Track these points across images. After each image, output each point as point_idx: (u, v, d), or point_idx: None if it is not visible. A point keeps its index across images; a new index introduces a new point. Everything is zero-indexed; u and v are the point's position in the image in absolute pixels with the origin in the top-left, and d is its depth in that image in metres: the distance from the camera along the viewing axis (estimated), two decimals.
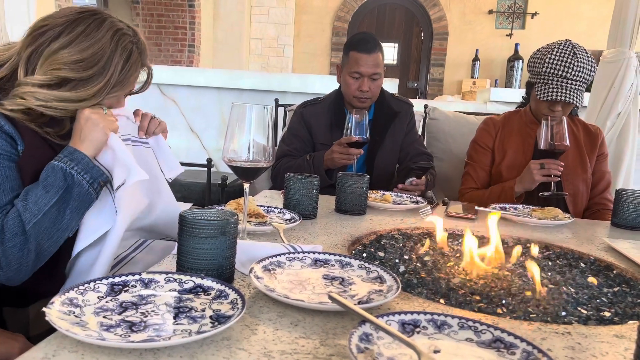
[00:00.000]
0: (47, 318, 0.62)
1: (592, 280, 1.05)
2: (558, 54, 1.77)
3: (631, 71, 2.68)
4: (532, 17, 6.95)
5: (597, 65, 2.87)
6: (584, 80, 1.77)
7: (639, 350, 0.57)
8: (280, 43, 6.97)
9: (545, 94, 1.77)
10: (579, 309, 0.91)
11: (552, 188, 1.71)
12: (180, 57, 6.43)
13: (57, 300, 0.67)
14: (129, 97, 1.25)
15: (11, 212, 0.98)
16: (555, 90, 1.76)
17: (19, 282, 0.99)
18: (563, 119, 1.67)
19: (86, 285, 0.72)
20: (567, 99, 1.74)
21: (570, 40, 1.80)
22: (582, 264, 1.18)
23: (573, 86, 1.75)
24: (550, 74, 1.77)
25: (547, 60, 1.78)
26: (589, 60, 1.77)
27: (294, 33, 7.12)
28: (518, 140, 1.95)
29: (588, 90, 2.93)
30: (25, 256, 0.96)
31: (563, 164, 1.73)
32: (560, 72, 1.75)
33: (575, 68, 1.74)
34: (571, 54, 1.75)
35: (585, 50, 1.78)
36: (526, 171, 1.76)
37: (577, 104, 1.76)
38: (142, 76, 1.23)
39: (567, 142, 1.68)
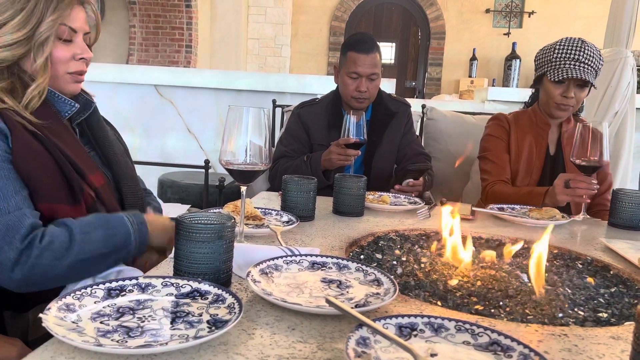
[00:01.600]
0: (43, 324, 0.62)
1: (590, 280, 1.06)
2: (567, 42, 1.81)
3: (628, 70, 2.69)
4: (529, 16, 6.96)
5: None
6: (594, 66, 1.78)
7: (634, 353, 0.57)
8: (278, 43, 6.97)
9: (559, 75, 1.77)
10: (575, 310, 0.91)
11: (582, 211, 1.59)
12: (177, 57, 6.43)
13: (54, 306, 0.67)
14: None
15: (64, 233, 0.99)
16: (568, 69, 1.77)
17: (12, 289, 0.99)
18: (604, 127, 1.54)
19: (83, 290, 0.72)
20: (582, 76, 1.74)
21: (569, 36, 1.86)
22: (579, 265, 1.18)
23: (585, 69, 1.77)
24: (562, 58, 1.79)
25: (557, 47, 1.81)
26: (596, 49, 1.80)
27: (292, 33, 7.12)
28: (531, 141, 1.92)
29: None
30: (42, 275, 0.97)
31: (595, 181, 1.57)
32: (571, 55, 1.77)
33: (586, 52, 1.77)
34: (579, 41, 1.80)
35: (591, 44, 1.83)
36: (552, 188, 1.65)
37: (593, 84, 1.77)
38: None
39: (607, 157, 1.52)
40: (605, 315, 0.90)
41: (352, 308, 0.71)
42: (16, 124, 1.02)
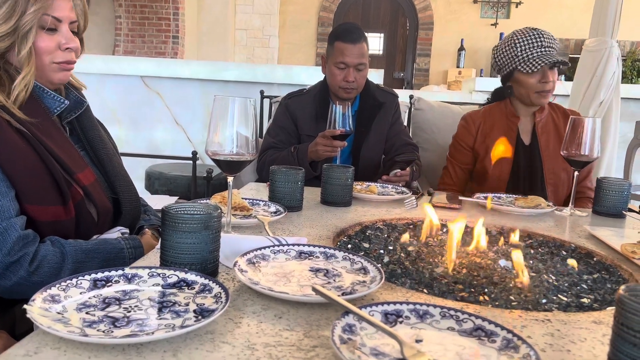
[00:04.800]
0: (28, 315, 0.62)
1: (572, 263, 1.07)
2: (522, 34, 1.87)
3: (613, 60, 2.71)
4: (517, 7, 6.99)
5: (580, 54, 2.91)
6: (555, 47, 1.85)
7: (615, 336, 0.58)
8: (266, 34, 6.93)
9: (534, 66, 1.81)
10: (559, 296, 0.92)
11: (570, 204, 1.57)
12: (164, 48, 6.37)
13: (39, 297, 0.67)
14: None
15: (56, 257, 1.00)
16: (539, 57, 1.82)
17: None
18: (597, 123, 1.52)
19: (68, 281, 0.72)
20: (554, 59, 1.80)
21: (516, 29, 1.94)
22: (564, 252, 1.20)
23: (551, 51, 1.84)
24: (527, 49, 1.84)
25: (517, 41, 1.87)
26: (548, 32, 1.88)
27: (279, 24, 7.08)
28: (500, 134, 1.95)
29: (570, 79, 2.96)
30: (27, 291, 0.96)
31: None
32: (536, 44, 1.83)
33: (545, 37, 1.84)
34: (531, 30, 1.87)
35: None
36: None
37: (568, 63, 1.84)
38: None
39: (598, 153, 1.52)
40: (587, 300, 0.92)
41: (338, 296, 0.71)
42: (2, 121, 1.01)
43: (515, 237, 1.10)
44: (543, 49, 1.83)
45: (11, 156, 1.00)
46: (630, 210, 1.54)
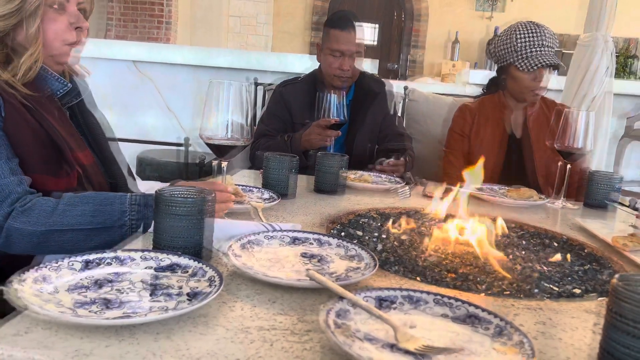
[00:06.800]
0: (19, 295, 0.61)
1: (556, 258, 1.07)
2: (524, 29, 1.84)
3: (606, 55, 2.73)
4: (512, 0, 6.98)
5: (574, 49, 2.92)
6: (554, 47, 1.83)
7: (607, 325, 0.59)
8: (260, 21, 6.86)
9: (532, 65, 1.79)
10: (550, 286, 0.93)
11: (561, 197, 1.57)
12: (156, 34, 6.29)
13: (30, 277, 0.66)
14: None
15: (51, 203, 0.99)
16: (538, 57, 1.80)
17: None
18: (590, 116, 1.51)
19: (60, 262, 0.71)
20: (553, 61, 1.79)
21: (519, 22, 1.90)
22: (555, 243, 1.21)
23: (550, 51, 1.82)
24: (527, 46, 1.81)
25: (518, 36, 1.83)
26: (549, 29, 1.85)
27: (274, 11, 7.02)
28: (493, 127, 1.95)
29: (563, 73, 2.97)
30: (19, 238, 0.97)
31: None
32: (537, 42, 1.81)
33: (546, 35, 1.81)
34: (534, 25, 1.84)
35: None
36: None
37: (563, 66, 1.84)
38: None
39: (591, 146, 1.52)
40: (578, 291, 0.92)
41: (332, 282, 0.71)
42: (10, 94, 1.03)
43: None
44: (543, 49, 1.80)
45: (18, 126, 1.02)
46: (621, 204, 1.55)
